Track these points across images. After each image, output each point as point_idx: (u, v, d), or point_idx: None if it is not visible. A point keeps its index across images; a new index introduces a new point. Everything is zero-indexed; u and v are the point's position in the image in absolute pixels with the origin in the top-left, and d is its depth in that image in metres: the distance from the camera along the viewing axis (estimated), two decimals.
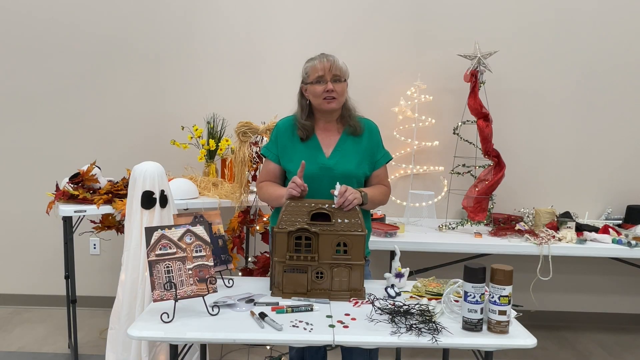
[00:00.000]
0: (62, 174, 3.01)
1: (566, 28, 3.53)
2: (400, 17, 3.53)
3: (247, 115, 3.02)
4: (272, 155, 2.14)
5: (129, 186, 2.39)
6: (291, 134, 2.11)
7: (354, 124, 2.11)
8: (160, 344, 2.28)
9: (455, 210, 3.55)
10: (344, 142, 2.10)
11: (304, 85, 2.10)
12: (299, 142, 2.09)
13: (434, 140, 3.52)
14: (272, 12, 3.54)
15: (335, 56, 2.07)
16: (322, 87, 2.02)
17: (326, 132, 2.12)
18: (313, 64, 2.05)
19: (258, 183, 2.20)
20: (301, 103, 2.13)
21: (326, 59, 2.03)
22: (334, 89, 2.01)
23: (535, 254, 2.89)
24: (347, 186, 1.87)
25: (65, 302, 3.27)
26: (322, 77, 2.02)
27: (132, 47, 3.57)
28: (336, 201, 1.85)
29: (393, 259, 1.99)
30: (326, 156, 2.07)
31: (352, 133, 2.11)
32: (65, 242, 2.96)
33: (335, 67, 2.02)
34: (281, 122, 2.17)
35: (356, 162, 2.08)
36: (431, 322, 1.60)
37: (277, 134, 2.14)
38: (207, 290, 1.70)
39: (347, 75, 2.08)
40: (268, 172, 2.15)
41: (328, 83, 2.01)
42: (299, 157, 2.03)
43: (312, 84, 2.04)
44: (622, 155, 3.62)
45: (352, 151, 2.09)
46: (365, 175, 2.13)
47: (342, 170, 2.04)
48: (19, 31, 3.56)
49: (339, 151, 2.08)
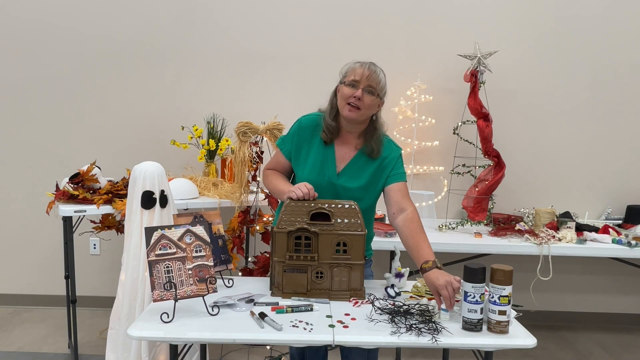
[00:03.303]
0: (62, 174, 3.02)
1: (566, 28, 3.53)
2: (400, 17, 3.53)
3: (247, 115, 3.02)
4: (285, 150, 2.07)
5: (129, 186, 2.38)
6: (311, 133, 2.03)
7: (374, 146, 1.99)
8: (160, 344, 2.28)
9: (455, 210, 3.55)
10: (358, 160, 2.01)
11: (339, 85, 1.99)
12: (316, 145, 2.02)
13: (434, 140, 3.52)
14: (273, 12, 3.54)
15: (383, 73, 1.96)
16: (351, 92, 1.90)
17: (344, 144, 2.02)
18: (354, 66, 1.94)
19: (265, 169, 2.14)
20: (332, 102, 2.01)
21: (368, 67, 1.92)
22: (361, 98, 1.90)
23: (535, 254, 2.88)
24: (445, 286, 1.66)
25: (65, 302, 3.27)
26: (356, 82, 1.91)
27: (132, 47, 3.57)
28: (446, 305, 1.67)
29: (393, 259, 1.99)
30: (337, 171, 2.00)
31: (368, 154, 2.00)
32: (65, 242, 2.96)
33: (374, 78, 1.91)
34: (305, 118, 2.07)
35: (363, 185, 1.99)
36: (431, 322, 1.60)
37: (297, 130, 2.05)
38: (207, 290, 1.70)
39: (383, 93, 1.96)
40: (277, 163, 2.11)
41: (359, 90, 1.90)
42: (311, 164, 2.00)
43: (345, 85, 1.93)
44: (622, 155, 3.62)
45: (363, 173, 2.00)
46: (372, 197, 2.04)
47: (347, 191, 1.97)
48: (18, 31, 3.56)
49: (350, 170, 2.00)
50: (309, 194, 1.84)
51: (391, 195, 2.01)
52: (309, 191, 1.84)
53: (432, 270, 1.74)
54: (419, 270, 1.80)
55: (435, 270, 1.74)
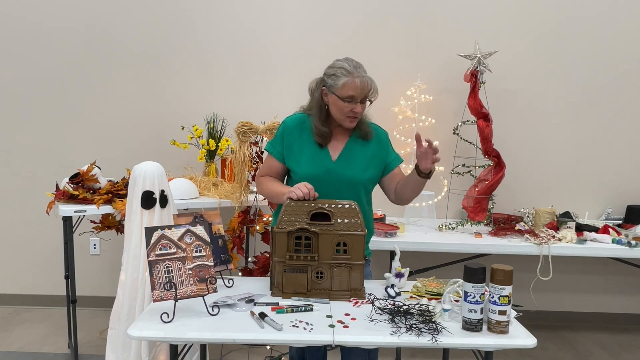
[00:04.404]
0: (62, 174, 3.02)
1: (566, 28, 3.53)
2: (400, 17, 3.53)
3: (247, 115, 3.02)
4: (276, 152, 2.09)
5: (129, 186, 2.39)
6: (299, 132, 2.06)
7: (365, 129, 2.05)
8: (160, 344, 2.28)
9: (455, 210, 3.55)
10: (352, 146, 2.06)
11: (327, 91, 1.98)
12: (307, 142, 2.04)
13: (434, 140, 3.48)
14: (273, 12, 3.54)
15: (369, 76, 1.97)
16: (350, 107, 1.93)
17: (335, 134, 2.07)
18: (352, 80, 1.91)
19: (258, 177, 2.16)
20: (319, 104, 2.02)
21: (363, 81, 1.92)
22: (361, 111, 1.96)
23: (535, 254, 2.88)
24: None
25: (65, 302, 3.27)
26: (354, 97, 1.92)
27: (132, 46, 3.57)
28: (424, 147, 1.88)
29: (393, 259, 1.99)
30: (333, 159, 2.04)
31: (361, 137, 2.06)
32: (65, 242, 2.96)
33: (368, 89, 1.94)
34: (289, 119, 2.10)
35: (362, 167, 2.04)
36: (431, 322, 1.60)
37: (283, 131, 2.08)
38: (207, 290, 1.70)
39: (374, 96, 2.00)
40: (270, 168, 2.12)
41: (358, 105, 1.94)
42: (306, 159, 2.02)
43: (341, 99, 1.93)
44: (622, 155, 3.62)
45: (359, 156, 2.05)
46: (372, 181, 2.09)
47: (347, 175, 2.01)
48: (19, 31, 3.56)
49: (346, 155, 2.04)
50: (309, 194, 1.85)
51: (390, 182, 2.11)
52: (309, 191, 1.85)
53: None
54: (415, 170, 1.96)
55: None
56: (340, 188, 1.99)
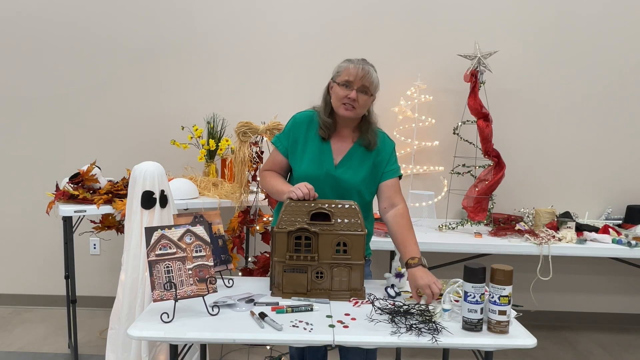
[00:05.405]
0: (62, 174, 3.01)
1: (566, 28, 3.53)
2: (400, 17, 3.53)
3: (247, 115, 3.02)
4: (281, 147, 2.09)
5: (129, 186, 2.38)
6: (306, 129, 2.06)
7: (370, 138, 2.03)
8: (160, 344, 2.28)
9: (455, 210, 3.55)
10: (354, 152, 2.04)
11: (332, 82, 2.02)
12: (312, 140, 2.04)
13: (434, 140, 3.52)
14: (273, 13, 3.54)
15: (373, 68, 1.99)
16: (346, 93, 1.94)
17: (340, 137, 2.05)
18: (347, 65, 1.96)
19: (262, 170, 2.16)
20: (326, 99, 2.05)
21: (362, 67, 1.94)
22: (357, 98, 1.94)
23: (535, 254, 2.88)
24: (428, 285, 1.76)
25: (65, 302, 3.27)
26: (350, 83, 1.93)
27: (132, 46, 3.57)
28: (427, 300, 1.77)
29: (393, 259, 1.99)
30: (334, 163, 2.03)
31: (365, 145, 2.04)
32: (65, 242, 2.96)
33: (367, 78, 1.94)
34: (299, 115, 2.10)
35: (362, 177, 2.02)
36: (431, 322, 1.60)
37: (291, 127, 2.08)
38: (207, 290, 1.70)
39: (377, 90, 2.00)
40: (274, 162, 2.12)
41: (353, 91, 1.93)
42: (308, 158, 2.01)
43: (339, 85, 1.96)
44: (622, 155, 3.62)
45: (360, 164, 2.03)
46: (369, 190, 2.06)
47: (346, 182, 2.00)
48: (18, 32, 3.56)
49: (348, 161, 2.03)
50: (309, 194, 1.85)
51: (384, 191, 2.06)
52: (309, 191, 1.85)
53: (418, 268, 1.83)
54: (405, 265, 1.87)
55: (420, 268, 1.83)
56: (339, 191, 1.99)
